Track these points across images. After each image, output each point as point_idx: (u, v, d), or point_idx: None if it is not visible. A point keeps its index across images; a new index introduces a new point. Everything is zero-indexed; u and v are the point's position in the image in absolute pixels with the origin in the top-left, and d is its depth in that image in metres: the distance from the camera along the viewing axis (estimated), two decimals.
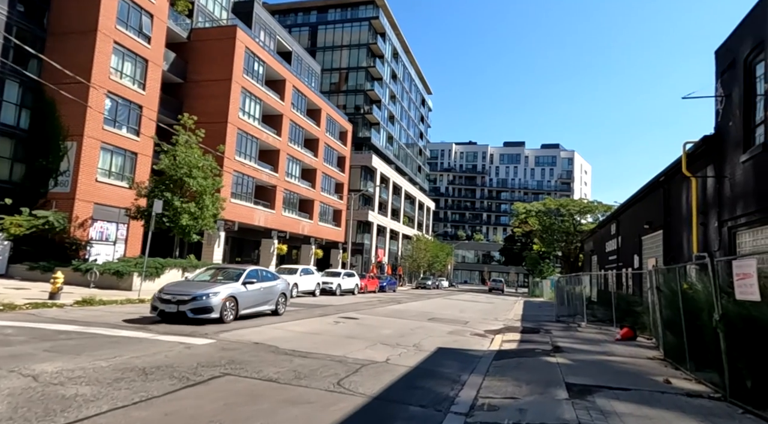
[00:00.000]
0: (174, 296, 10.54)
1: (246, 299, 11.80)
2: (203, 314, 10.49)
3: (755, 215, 9.89)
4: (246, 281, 11.96)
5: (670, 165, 14.43)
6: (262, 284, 12.64)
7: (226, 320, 10.92)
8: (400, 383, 6.59)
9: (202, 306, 10.47)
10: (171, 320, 10.60)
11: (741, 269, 5.43)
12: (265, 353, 7.91)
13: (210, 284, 11.34)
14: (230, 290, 11.25)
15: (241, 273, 12.20)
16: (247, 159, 30.88)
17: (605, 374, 7.67)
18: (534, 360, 8.95)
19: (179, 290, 10.76)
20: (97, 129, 22.31)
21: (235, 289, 11.42)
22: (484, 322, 17.07)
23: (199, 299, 10.50)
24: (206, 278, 12.38)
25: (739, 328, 5.96)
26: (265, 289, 12.80)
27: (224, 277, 12.30)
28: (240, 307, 11.52)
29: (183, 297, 10.47)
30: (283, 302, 13.78)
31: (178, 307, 10.40)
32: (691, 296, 8.15)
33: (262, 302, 12.61)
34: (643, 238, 18.67)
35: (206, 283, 11.58)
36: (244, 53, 29.83)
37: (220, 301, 10.76)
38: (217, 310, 10.68)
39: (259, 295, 12.46)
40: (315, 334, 10.71)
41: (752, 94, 10.64)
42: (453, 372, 7.62)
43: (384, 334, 11.60)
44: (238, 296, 11.40)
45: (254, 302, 12.23)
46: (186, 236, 21.71)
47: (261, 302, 12.57)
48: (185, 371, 6.11)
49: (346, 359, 7.88)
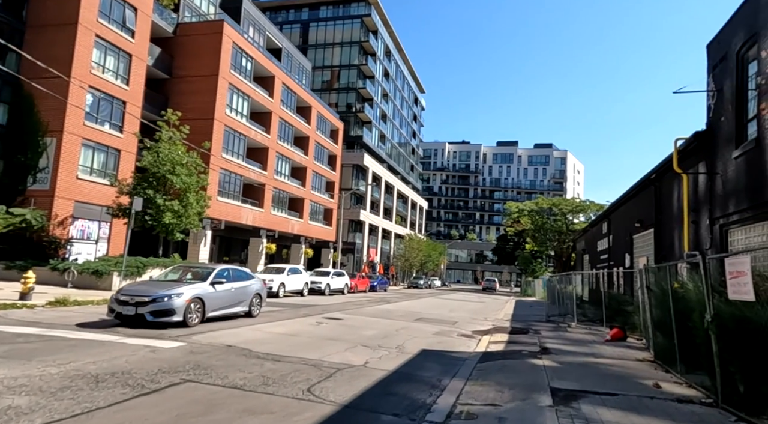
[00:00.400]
0: (132, 297, 9.70)
1: (214, 301, 11.07)
2: (164, 316, 9.67)
3: (748, 212, 9.62)
4: (214, 281, 11.22)
5: (661, 162, 14.17)
6: (233, 284, 11.90)
7: (190, 324, 10.10)
8: (376, 388, 6.20)
9: (164, 308, 9.66)
10: (130, 324, 9.78)
11: (734, 267, 5.10)
12: (235, 356, 7.49)
13: (173, 285, 10.58)
14: (196, 290, 10.49)
15: (210, 272, 11.49)
16: (234, 157, 30.34)
17: (592, 378, 7.34)
18: (520, 362, 8.60)
19: (138, 291, 9.95)
20: (77, 125, 21.71)
21: (201, 289, 10.69)
22: (473, 322, 16.73)
23: (159, 300, 9.67)
24: (174, 277, 11.70)
25: (732, 329, 5.63)
26: (237, 289, 12.06)
27: (192, 277, 11.60)
28: (207, 309, 10.78)
29: (142, 298, 9.64)
30: (257, 303, 13.05)
31: (137, 309, 9.58)
32: (681, 296, 7.84)
33: (233, 304, 11.90)
34: (634, 236, 18.45)
35: (170, 283, 10.83)
36: (232, 49, 29.28)
37: (184, 303, 9.96)
38: (180, 312, 9.85)
39: (230, 296, 11.74)
40: (294, 335, 10.30)
41: (744, 88, 10.37)
42: (434, 376, 7.25)
43: (367, 335, 11.21)
44: (204, 297, 10.66)
45: (224, 303, 11.52)
46: (170, 234, 21.19)
47: (232, 304, 11.86)
48: (142, 378, 5.69)
49: (322, 363, 7.49)
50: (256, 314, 12.90)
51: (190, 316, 10.13)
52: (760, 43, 9.42)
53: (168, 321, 9.74)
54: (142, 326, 9.69)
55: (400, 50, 72.66)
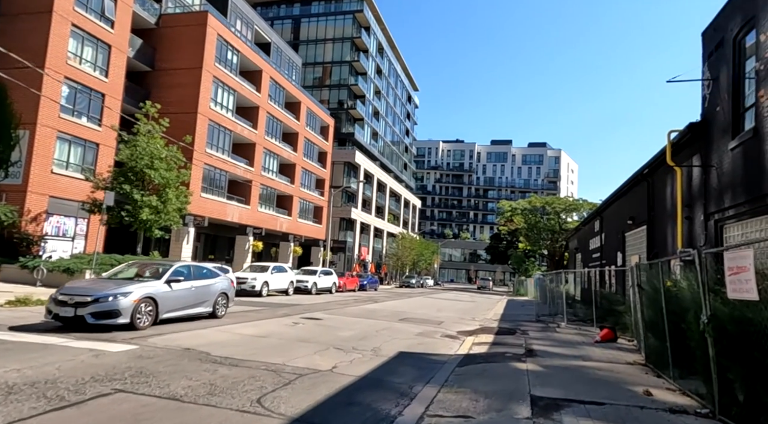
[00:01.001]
0: (72, 296, 8.66)
1: (169, 301, 10.12)
2: (107, 318, 8.67)
3: (744, 206, 9.08)
4: (171, 279, 10.27)
5: (654, 156, 13.63)
6: (193, 283, 10.96)
7: (139, 326, 9.14)
8: (337, 398, 5.57)
9: (107, 309, 8.66)
10: (71, 328, 8.75)
11: (734, 262, 4.51)
12: (189, 361, 6.83)
13: (121, 283, 9.62)
14: (147, 289, 9.53)
15: (167, 270, 10.51)
16: (219, 152, 29.56)
17: (578, 384, 6.74)
18: (502, 366, 8.00)
19: (80, 290, 8.92)
20: (52, 117, 20.89)
21: (154, 288, 9.74)
22: (460, 322, 16.14)
23: (103, 300, 8.67)
24: (127, 275, 10.73)
25: (731, 332, 5.05)
26: (198, 288, 11.11)
27: (147, 274, 10.69)
28: (161, 310, 9.83)
29: (83, 298, 8.62)
30: (223, 302, 12.14)
31: (76, 310, 8.54)
32: (674, 295, 7.28)
33: (193, 304, 10.96)
34: (626, 234, 17.96)
35: (118, 281, 9.88)
36: (216, 41, 28.50)
37: (131, 303, 8.99)
38: (127, 314, 8.86)
39: (189, 295, 10.79)
40: (263, 337, 9.64)
41: (741, 75, 9.82)
42: (406, 382, 6.63)
43: (343, 336, 10.58)
44: (158, 297, 9.70)
45: (182, 303, 10.58)
46: (148, 231, 20.46)
47: (192, 304, 10.91)
48: (67, 388, 5.02)
49: (284, 368, 6.84)
50: (221, 314, 12.03)
51: (139, 318, 9.20)
52: (759, 27, 8.87)
53: (112, 324, 8.74)
54: (83, 329, 8.66)
55: (393, 47, 71.99)
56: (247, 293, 21.15)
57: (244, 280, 21.38)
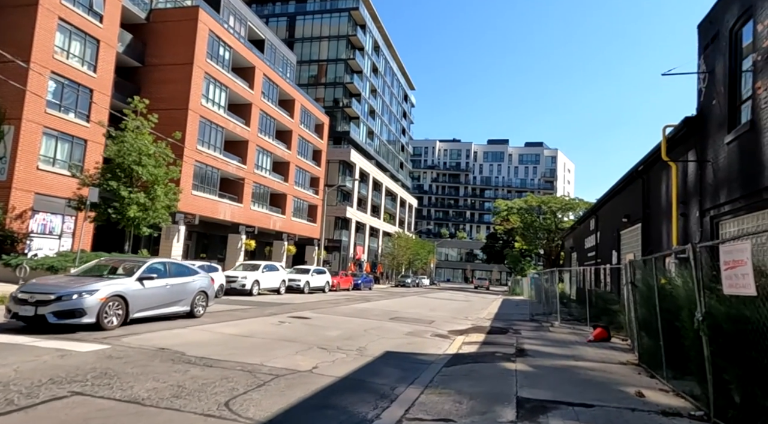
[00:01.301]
0: (33, 294, 8.10)
1: (141, 299, 9.55)
2: (70, 318, 8.11)
3: (740, 201, 8.82)
4: (143, 277, 9.69)
5: (649, 153, 13.38)
6: (168, 281, 10.43)
7: (107, 327, 8.56)
8: (312, 400, 5.27)
9: (70, 308, 8.09)
10: (33, 328, 8.22)
11: (731, 256, 4.23)
12: (160, 362, 6.51)
13: (88, 280, 9.01)
14: (116, 287, 8.95)
15: (140, 266, 9.94)
16: (211, 149, 29.17)
17: (568, 385, 6.46)
18: (490, 366, 7.72)
19: (42, 288, 8.36)
20: (38, 112, 20.48)
21: (124, 286, 9.17)
22: (452, 321, 15.85)
23: (66, 298, 8.09)
24: (100, 272, 10.23)
25: (727, 331, 4.77)
26: (174, 286, 10.56)
27: (121, 271, 10.14)
28: (132, 309, 9.26)
29: (45, 296, 8.05)
30: (202, 301, 11.56)
31: (36, 309, 7.97)
32: (669, 293, 7.01)
33: (168, 302, 10.41)
34: (621, 232, 17.73)
35: (85, 279, 9.24)
36: (208, 36, 28.11)
37: (97, 301, 8.39)
38: (93, 313, 8.28)
39: (164, 293, 10.22)
40: (246, 337, 9.32)
41: (738, 68, 9.57)
42: (388, 383, 6.33)
43: (329, 336, 10.27)
44: (128, 295, 9.14)
45: (156, 302, 10.02)
46: (136, 228, 20.06)
47: (167, 303, 10.35)
48: (19, 391, 4.69)
49: (261, 369, 6.53)
50: (199, 314, 11.50)
51: (106, 317, 8.61)
52: (756, 17, 8.61)
53: (76, 323, 8.18)
54: (45, 330, 8.10)
55: (389, 46, 71.66)
56: (237, 292, 20.83)
57: (234, 278, 21.05)
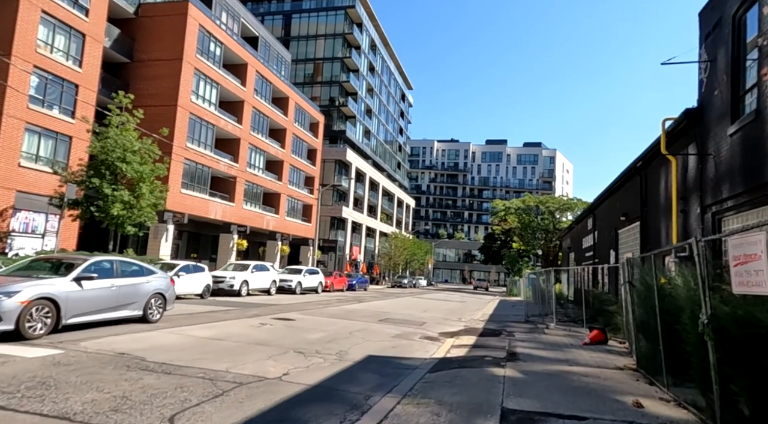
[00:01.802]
0: None
1: (78, 302, 8.37)
2: None
3: (744, 196, 8.30)
4: (81, 277, 8.54)
5: (648, 148, 12.86)
6: (115, 281, 9.30)
7: (29, 335, 7.39)
8: (271, 413, 4.72)
9: None
10: None
11: (741, 250, 3.70)
12: (114, 368, 5.95)
13: (10, 280, 7.79)
14: (44, 288, 7.79)
15: (79, 265, 8.78)
16: (201, 147, 28.59)
17: (559, 394, 5.92)
18: (477, 372, 7.17)
19: None
20: (20, 108, 19.90)
21: (54, 288, 7.99)
22: (444, 323, 15.31)
23: None
24: (32, 271, 8.97)
25: (735, 335, 4.24)
26: (123, 287, 9.45)
27: (63, 270, 8.80)
28: (65, 313, 8.05)
29: None
30: (158, 304, 10.44)
31: None
32: (668, 293, 6.48)
33: (114, 306, 9.24)
34: (619, 231, 17.22)
35: (8, 278, 8.08)
36: (198, 31, 27.55)
37: (17, 305, 7.23)
38: (10, 319, 7.12)
39: (109, 296, 9.09)
40: (220, 340, 8.76)
41: (742, 55, 9.05)
42: (363, 392, 5.79)
43: (310, 338, 9.72)
44: (59, 298, 7.94)
45: (97, 305, 8.87)
46: (120, 227, 19.48)
47: (112, 306, 9.19)
48: None
49: (224, 376, 5.98)
50: (155, 318, 10.33)
51: (29, 324, 7.45)
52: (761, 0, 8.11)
53: None
54: None
55: (387, 45, 71.15)
56: (225, 293, 20.29)
57: (222, 279, 20.50)
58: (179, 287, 17.25)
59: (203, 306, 14.95)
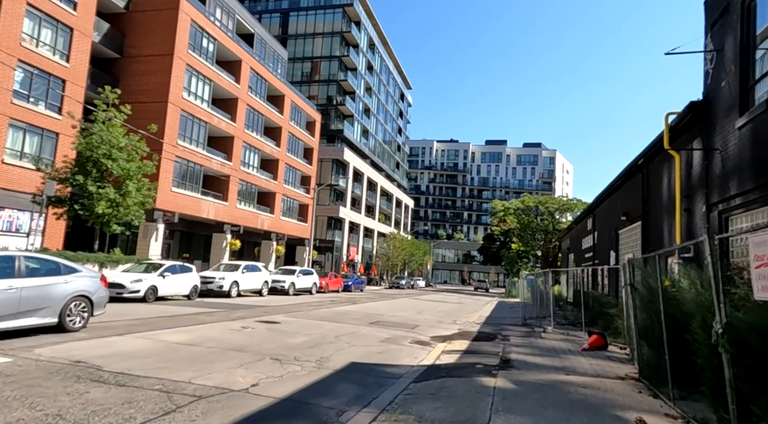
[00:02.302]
0: None
1: None
2: None
3: (754, 192, 7.73)
4: None
5: (650, 144, 12.30)
6: (13, 282, 7.60)
7: None
8: None
9: None
10: None
11: (764, 248, 3.13)
12: (61, 380, 5.38)
13: None
14: None
15: None
16: (193, 144, 28.03)
17: (554, 408, 5.35)
18: (465, 382, 6.60)
19: None
20: (4, 103, 19.34)
21: None
22: (438, 326, 14.73)
23: None
24: None
25: (756, 348, 3.68)
26: (30, 289, 7.83)
27: None
28: None
29: None
30: (80, 309, 8.76)
31: None
32: (673, 296, 5.93)
33: (14, 313, 7.57)
34: (620, 231, 16.68)
35: None
36: (190, 27, 27.00)
37: None
38: None
39: (12, 300, 7.51)
40: (192, 345, 8.20)
41: (751, 43, 8.49)
42: (337, 406, 5.22)
43: (292, 343, 9.16)
44: None
45: None
46: (105, 226, 18.95)
47: (12, 313, 7.54)
48: None
49: (184, 388, 5.41)
50: (77, 325, 8.66)
51: None
52: None
53: None
54: None
55: (385, 44, 70.60)
56: (215, 294, 19.72)
57: (211, 279, 19.92)
58: (164, 287, 16.71)
59: (188, 308, 14.38)
